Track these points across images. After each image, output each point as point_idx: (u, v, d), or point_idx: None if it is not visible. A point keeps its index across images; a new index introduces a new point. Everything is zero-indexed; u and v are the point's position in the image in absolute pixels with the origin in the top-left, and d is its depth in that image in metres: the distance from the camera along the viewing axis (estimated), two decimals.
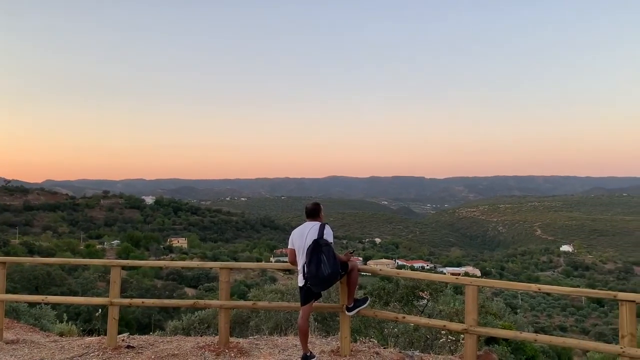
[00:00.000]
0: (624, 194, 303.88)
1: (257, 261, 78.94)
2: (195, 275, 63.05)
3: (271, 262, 73.15)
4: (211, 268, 6.74)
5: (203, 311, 11.50)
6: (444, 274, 76.41)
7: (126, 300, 6.95)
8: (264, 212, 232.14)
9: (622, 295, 5.01)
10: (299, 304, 5.89)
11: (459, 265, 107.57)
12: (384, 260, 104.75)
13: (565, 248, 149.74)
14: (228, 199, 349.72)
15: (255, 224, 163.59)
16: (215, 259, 79.77)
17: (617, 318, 4.98)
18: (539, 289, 5.66)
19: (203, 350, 6.24)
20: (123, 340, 6.87)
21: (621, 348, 4.87)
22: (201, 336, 7.87)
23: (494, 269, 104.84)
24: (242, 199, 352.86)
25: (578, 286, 73.85)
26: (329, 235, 5.60)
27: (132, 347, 6.48)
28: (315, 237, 5.54)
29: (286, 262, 6.34)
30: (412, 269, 77.28)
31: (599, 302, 69.10)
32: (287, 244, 6.11)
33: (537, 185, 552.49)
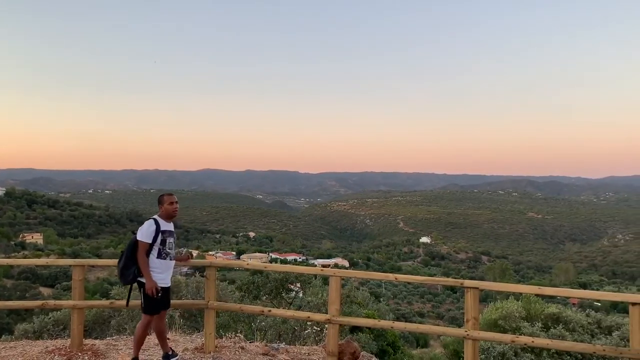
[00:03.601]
0: (475, 190, 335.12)
1: None
2: (52, 274, 58.16)
3: None
4: (70, 265, 6.25)
5: (58, 312, 10.61)
6: (315, 265, 78.50)
7: None
8: (131, 205, 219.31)
9: (467, 282, 5.47)
10: None
11: (329, 256, 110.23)
12: (257, 254, 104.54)
13: (424, 239, 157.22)
14: (90, 191, 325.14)
15: (121, 218, 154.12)
16: (75, 255, 74.09)
17: None
18: (396, 279, 6.00)
19: (52, 354, 5.73)
20: None
21: (465, 331, 5.29)
22: (54, 339, 7.26)
23: (361, 260, 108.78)
24: (107, 191, 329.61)
25: (434, 275, 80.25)
26: (142, 230, 5.23)
27: None
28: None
29: None
30: (285, 261, 78.31)
31: (452, 289, 74.92)
32: None
33: (402, 181, 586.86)
